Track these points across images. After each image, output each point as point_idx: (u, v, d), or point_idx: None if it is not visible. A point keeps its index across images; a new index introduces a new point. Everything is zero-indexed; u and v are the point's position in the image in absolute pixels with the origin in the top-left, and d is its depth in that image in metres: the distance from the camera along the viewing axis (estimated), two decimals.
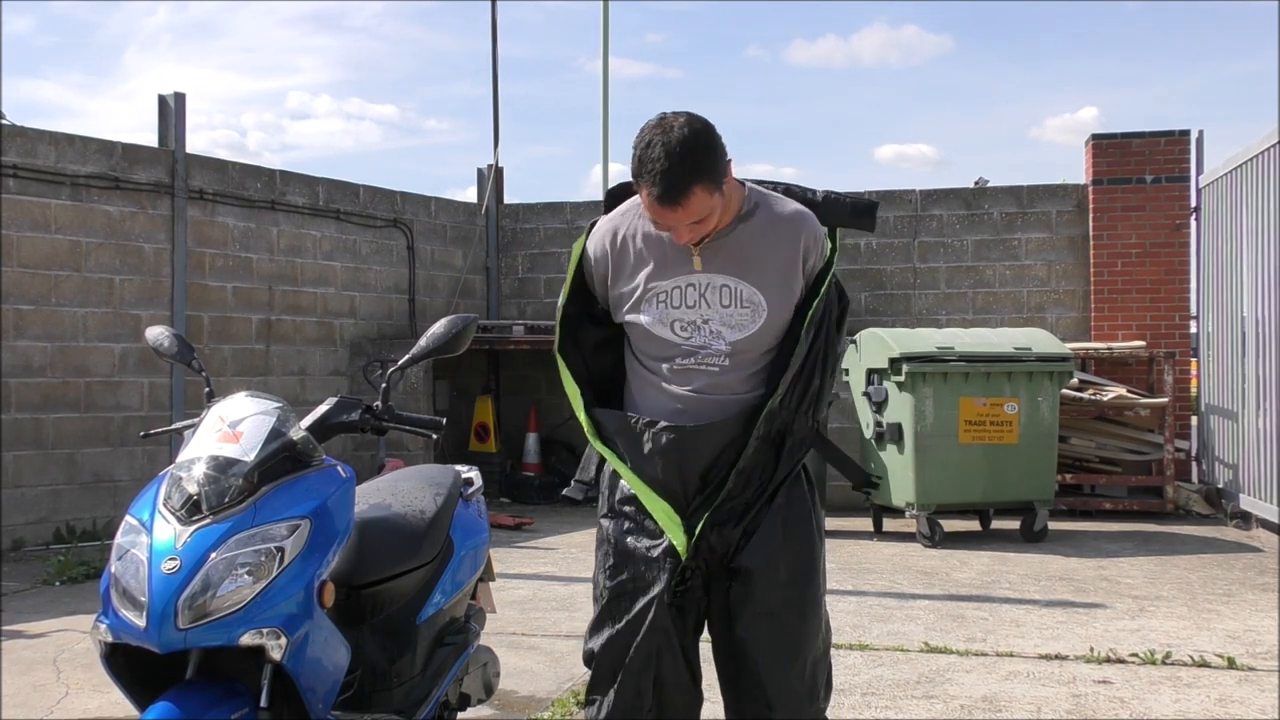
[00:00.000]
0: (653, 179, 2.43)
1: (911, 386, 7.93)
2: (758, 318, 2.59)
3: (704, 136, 2.45)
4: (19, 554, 7.72)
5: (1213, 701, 4.45)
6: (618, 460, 2.66)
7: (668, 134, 2.43)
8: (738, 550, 2.64)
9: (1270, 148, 8.19)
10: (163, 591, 2.39)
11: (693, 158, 2.42)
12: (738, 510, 2.63)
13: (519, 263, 11.94)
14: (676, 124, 2.45)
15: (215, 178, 9.22)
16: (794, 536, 2.66)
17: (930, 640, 5.32)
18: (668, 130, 2.44)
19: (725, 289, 2.59)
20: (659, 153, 2.42)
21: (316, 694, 2.56)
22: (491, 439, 10.99)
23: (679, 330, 2.62)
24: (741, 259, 2.59)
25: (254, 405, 2.70)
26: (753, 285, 2.58)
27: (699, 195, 2.44)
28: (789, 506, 2.67)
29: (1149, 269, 10.20)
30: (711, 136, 2.47)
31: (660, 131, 2.45)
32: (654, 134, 2.45)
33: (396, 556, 3.16)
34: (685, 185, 2.42)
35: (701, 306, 2.61)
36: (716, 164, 2.47)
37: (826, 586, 2.76)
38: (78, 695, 4.62)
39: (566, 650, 5.24)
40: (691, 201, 2.44)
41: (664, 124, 2.46)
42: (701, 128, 2.46)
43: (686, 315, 2.62)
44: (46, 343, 8.05)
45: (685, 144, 2.42)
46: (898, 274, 10.86)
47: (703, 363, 2.62)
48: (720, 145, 2.49)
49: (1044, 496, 8.17)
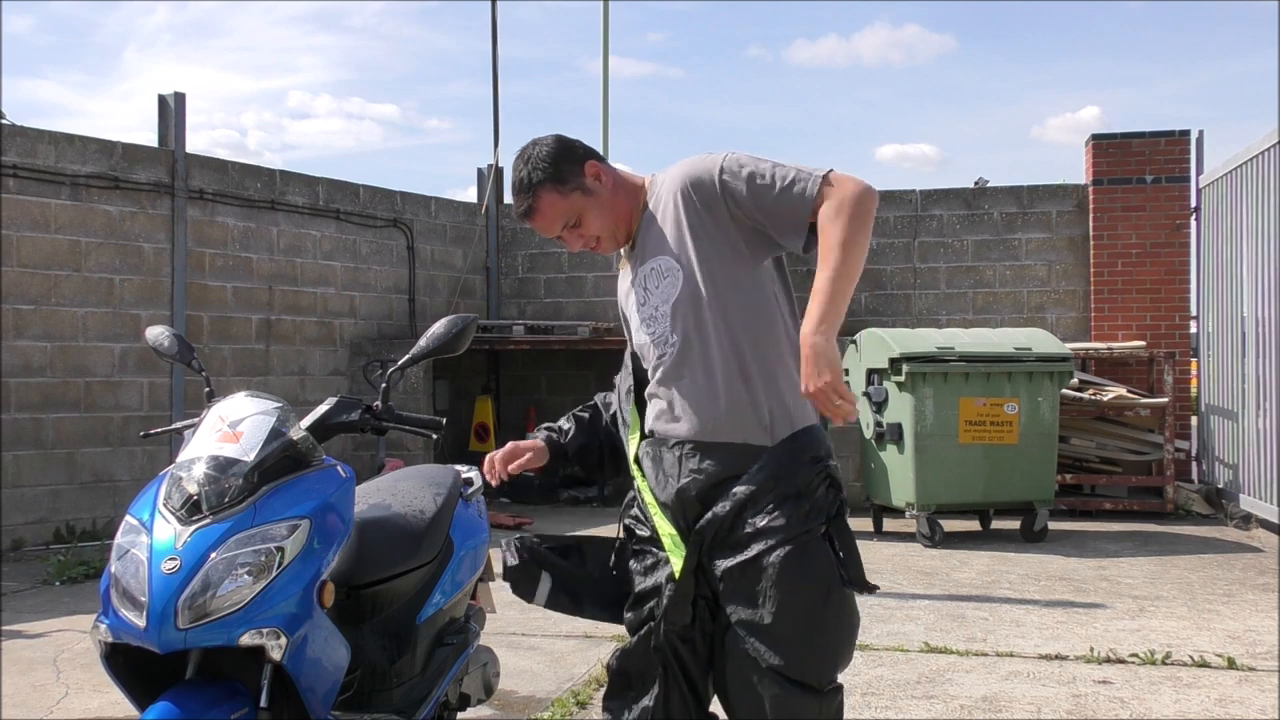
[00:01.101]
0: (514, 194, 2.68)
1: (911, 386, 7.93)
2: (676, 280, 2.58)
3: (551, 147, 2.63)
4: (19, 554, 7.72)
5: (1213, 701, 4.45)
6: (642, 478, 2.68)
7: (519, 157, 2.66)
8: (728, 591, 2.48)
9: (1270, 148, 8.19)
10: (163, 591, 2.39)
11: (535, 168, 2.61)
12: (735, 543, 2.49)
13: (519, 263, 11.94)
14: (528, 147, 2.67)
15: (215, 177, 9.22)
16: (799, 591, 2.45)
17: (930, 640, 5.32)
18: (521, 154, 2.67)
19: (653, 270, 2.63)
20: (513, 176, 2.66)
21: (316, 694, 2.56)
22: (491, 439, 10.99)
23: (648, 326, 2.65)
24: (652, 240, 2.64)
25: (254, 405, 2.70)
26: (663, 254, 2.61)
27: (547, 198, 2.62)
28: (803, 556, 2.46)
29: (1149, 269, 10.20)
30: (560, 145, 2.64)
31: (516, 157, 2.68)
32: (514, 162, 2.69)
33: (396, 556, 3.16)
34: (530, 193, 2.62)
35: (647, 298, 2.65)
36: (560, 167, 2.62)
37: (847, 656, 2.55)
38: (78, 695, 4.62)
39: (566, 650, 5.24)
40: (542, 205, 2.63)
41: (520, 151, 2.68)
42: (551, 141, 2.65)
43: (644, 312, 2.66)
44: (46, 342, 8.05)
45: (530, 159, 2.63)
46: (898, 274, 10.86)
47: (665, 347, 2.61)
48: (568, 151, 2.64)
49: (1044, 496, 8.17)
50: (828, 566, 2.49)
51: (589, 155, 2.67)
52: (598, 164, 2.65)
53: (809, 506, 2.50)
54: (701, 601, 2.55)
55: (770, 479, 2.49)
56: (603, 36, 12.04)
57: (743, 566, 2.47)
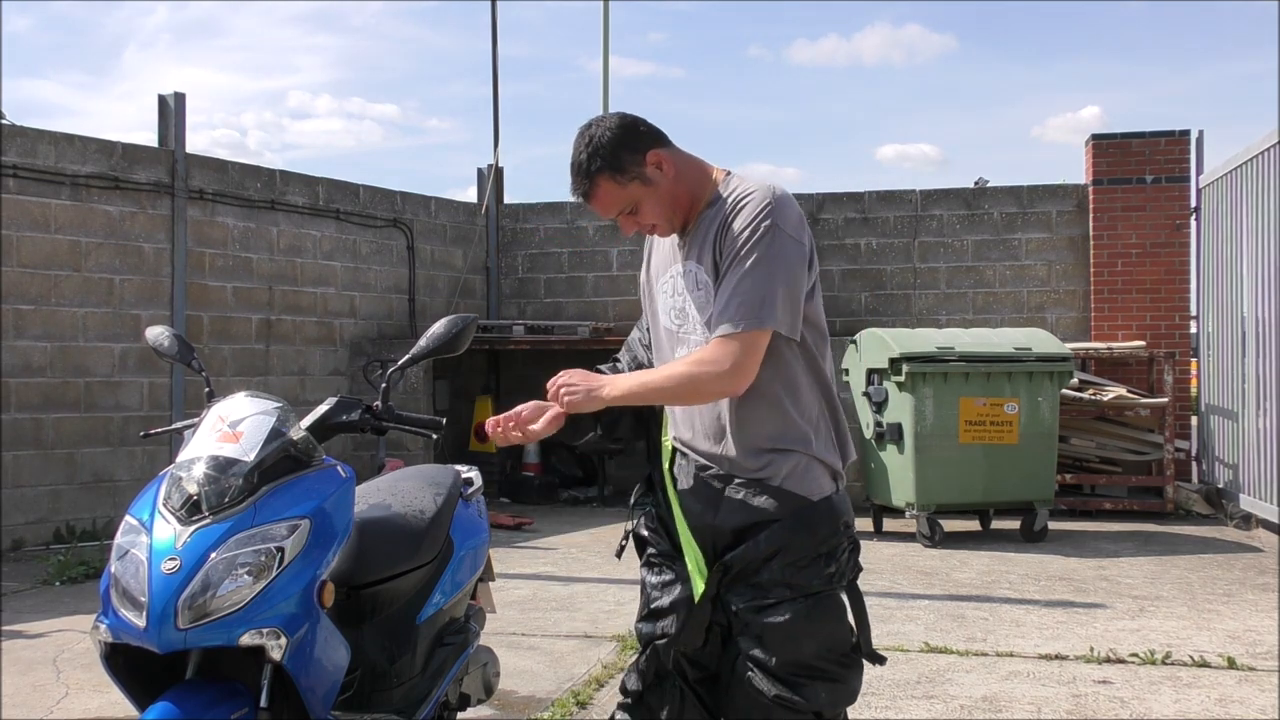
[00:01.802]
0: (571, 174, 2.58)
1: (911, 386, 7.93)
2: (710, 297, 2.56)
3: (614, 131, 2.54)
4: (19, 554, 7.72)
5: (1213, 701, 4.45)
6: (674, 492, 2.66)
7: (583, 135, 2.56)
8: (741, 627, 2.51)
9: (1270, 148, 8.19)
10: (163, 591, 2.39)
11: (596, 152, 2.53)
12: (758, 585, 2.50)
13: (519, 263, 11.94)
14: (591, 126, 2.56)
15: (215, 177, 9.22)
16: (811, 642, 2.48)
17: (930, 640, 5.32)
18: (582, 133, 2.57)
19: (690, 274, 2.60)
20: (573, 151, 2.57)
21: (316, 694, 2.56)
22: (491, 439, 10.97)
23: (674, 318, 2.65)
24: (700, 244, 2.59)
25: (254, 405, 2.70)
26: (702, 266, 2.57)
27: (605, 186, 2.54)
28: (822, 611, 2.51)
29: (1149, 269, 10.20)
30: (623, 131, 2.55)
31: (578, 135, 2.57)
32: (578, 135, 2.58)
33: (396, 556, 3.16)
34: (588, 179, 2.54)
35: (679, 296, 2.63)
36: (621, 156, 2.53)
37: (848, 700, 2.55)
38: (78, 695, 4.62)
39: (566, 650, 5.24)
40: (599, 194, 2.56)
41: (582, 129, 2.58)
42: (614, 124, 2.55)
43: (674, 303, 2.65)
44: (46, 343, 8.05)
45: (591, 142, 2.53)
46: (898, 274, 10.86)
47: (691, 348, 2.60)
48: (630, 136, 2.55)
49: (1044, 496, 8.17)
50: (843, 629, 2.55)
51: (653, 142, 2.57)
52: (660, 152, 2.56)
53: (835, 569, 2.53)
54: (716, 628, 2.56)
55: (808, 534, 2.50)
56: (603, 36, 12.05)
57: (760, 608, 2.49)
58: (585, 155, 2.54)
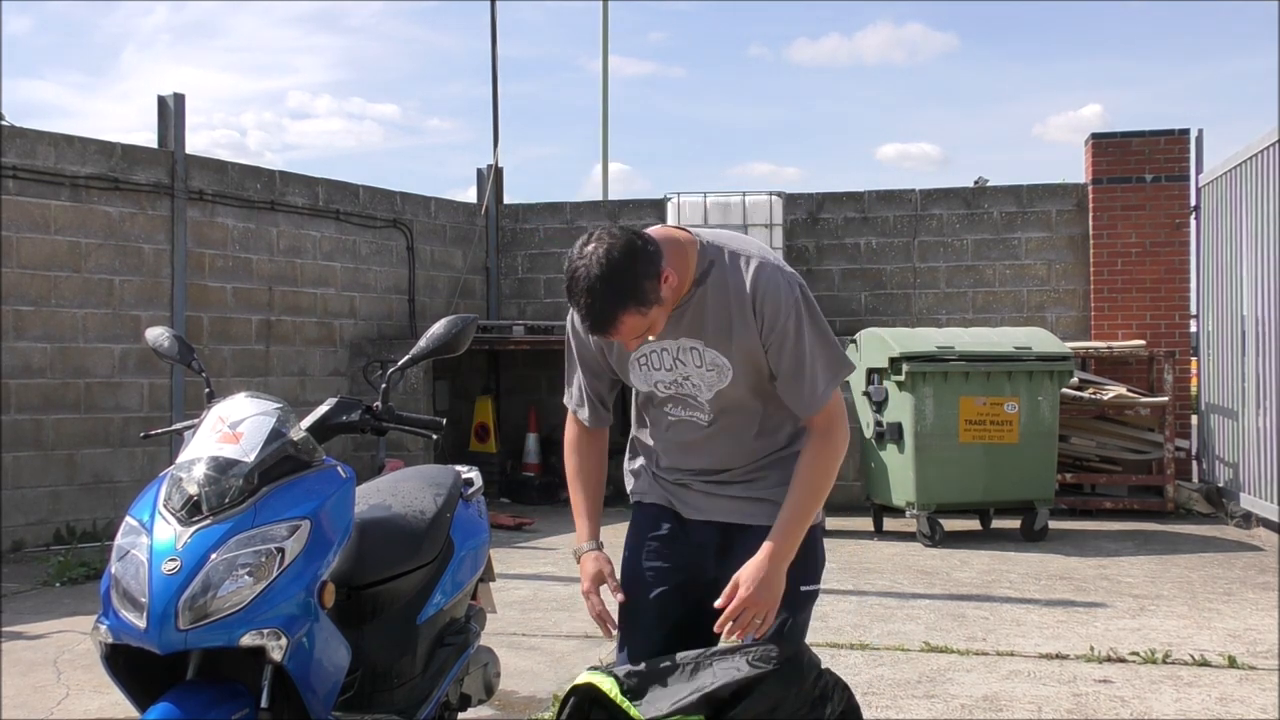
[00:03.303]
0: (581, 314, 2.41)
1: (911, 386, 7.93)
2: (724, 377, 2.59)
3: (624, 263, 2.35)
4: (19, 555, 7.72)
5: (1213, 700, 4.45)
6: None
7: (588, 267, 2.35)
8: None
9: (1270, 147, 8.19)
10: (163, 592, 2.39)
11: (614, 290, 2.35)
12: None
13: (519, 263, 11.94)
14: (596, 255, 2.35)
15: (215, 178, 9.22)
16: None
17: (931, 640, 5.32)
18: (588, 263, 2.35)
19: (693, 351, 2.59)
20: (582, 288, 2.36)
21: (317, 694, 2.56)
22: (491, 439, 10.99)
23: (662, 389, 2.67)
24: (701, 323, 2.56)
25: (254, 406, 2.70)
26: (714, 349, 2.57)
27: (628, 321, 2.40)
28: None
29: (1149, 268, 10.20)
30: (633, 259, 2.36)
31: (581, 262, 2.36)
32: (576, 264, 2.37)
33: (396, 557, 3.16)
34: (612, 317, 2.38)
35: (677, 367, 2.62)
36: (640, 286, 2.37)
37: None
38: (78, 696, 4.62)
39: (566, 650, 5.24)
40: (622, 328, 2.41)
41: (585, 254, 2.37)
42: (621, 254, 2.35)
43: (665, 376, 2.65)
44: (46, 343, 8.05)
45: (604, 278, 2.34)
46: (898, 274, 10.86)
47: (694, 413, 2.65)
48: (643, 264, 2.38)
49: (1044, 496, 8.17)
50: None
51: (659, 258, 2.43)
52: (668, 268, 2.45)
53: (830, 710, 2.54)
54: None
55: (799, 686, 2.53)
56: (602, 36, 12.06)
57: None
58: (605, 295, 2.35)
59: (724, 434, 2.66)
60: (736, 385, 2.60)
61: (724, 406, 2.63)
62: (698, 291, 2.55)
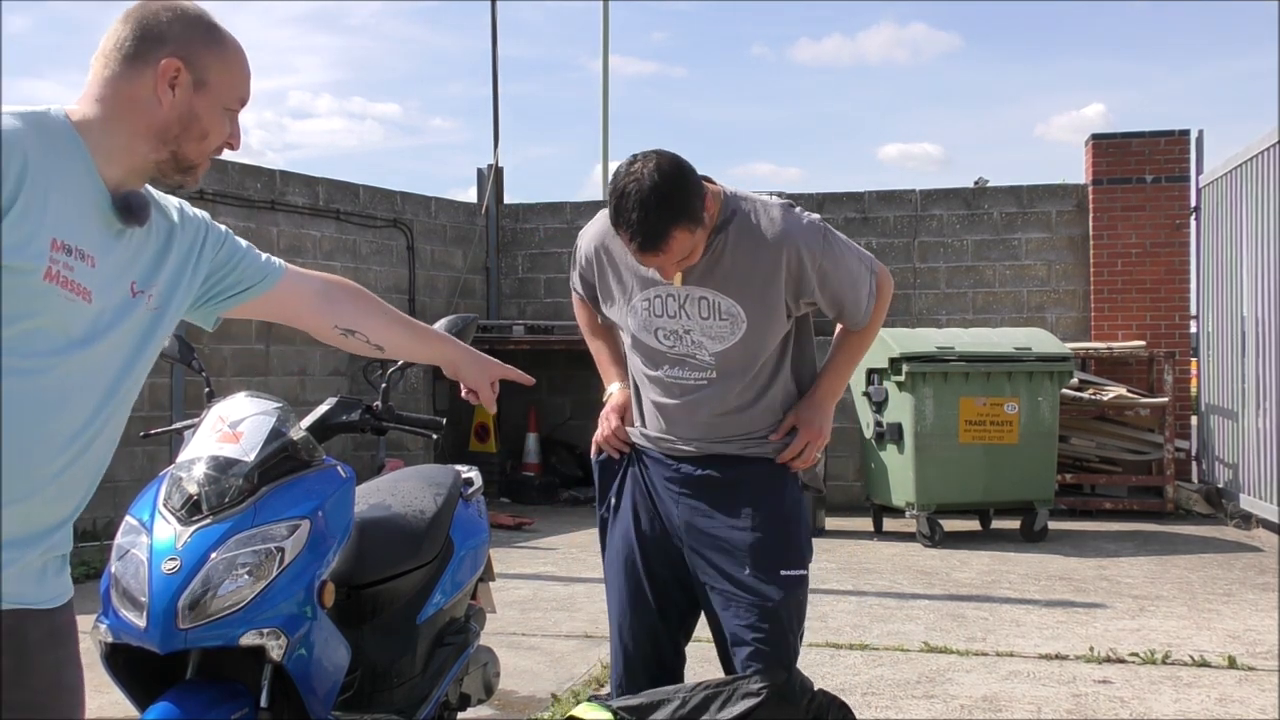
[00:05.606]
0: (630, 230, 2.41)
1: (911, 386, 7.93)
2: (737, 329, 2.57)
3: (676, 178, 2.39)
4: None
5: (1213, 701, 4.45)
6: None
7: (639, 182, 2.37)
8: None
9: (1270, 147, 8.19)
10: (163, 592, 2.39)
11: (667, 203, 2.38)
12: None
13: (519, 263, 11.93)
14: (647, 170, 2.38)
15: (215, 178, 9.22)
16: None
17: (930, 640, 5.32)
18: (639, 178, 2.38)
19: (704, 301, 2.58)
20: (633, 203, 2.37)
21: (317, 694, 2.56)
22: (491, 439, 10.98)
23: (663, 338, 2.64)
24: (719, 271, 2.56)
25: (254, 405, 2.70)
26: (730, 297, 2.56)
27: (679, 238, 2.42)
28: None
29: (1149, 269, 10.20)
30: (684, 176, 2.41)
31: (632, 179, 2.38)
32: (626, 182, 2.39)
33: (396, 556, 3.16)
34: (664, 232, 2.40)
35: (681, 317, 2.61)
36: (692, 202, 2.41)
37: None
38: None
39: (566, 650, 5.24)
40: (673, 245, 2.43)
41: (634, 171, 2.40)
42: (672, 169, 2.40)
43: (668, 324, 2.63)
44: None
45: (658, 191, 2.37)
46: (898, 274, 10.84)
47: (689, 374, 2.64)
48: (694, 181, 2.44)
49: (1044, 496, 8.17)
50: None
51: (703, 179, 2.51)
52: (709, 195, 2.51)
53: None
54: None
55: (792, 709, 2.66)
56: (602, 36, 12.05)
57: None
58: (658, 209, 2.37)
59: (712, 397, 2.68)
60: (746, 341, 2.60)
61: (725, 369, 2.63)
62: (717, 239, 2.56)
